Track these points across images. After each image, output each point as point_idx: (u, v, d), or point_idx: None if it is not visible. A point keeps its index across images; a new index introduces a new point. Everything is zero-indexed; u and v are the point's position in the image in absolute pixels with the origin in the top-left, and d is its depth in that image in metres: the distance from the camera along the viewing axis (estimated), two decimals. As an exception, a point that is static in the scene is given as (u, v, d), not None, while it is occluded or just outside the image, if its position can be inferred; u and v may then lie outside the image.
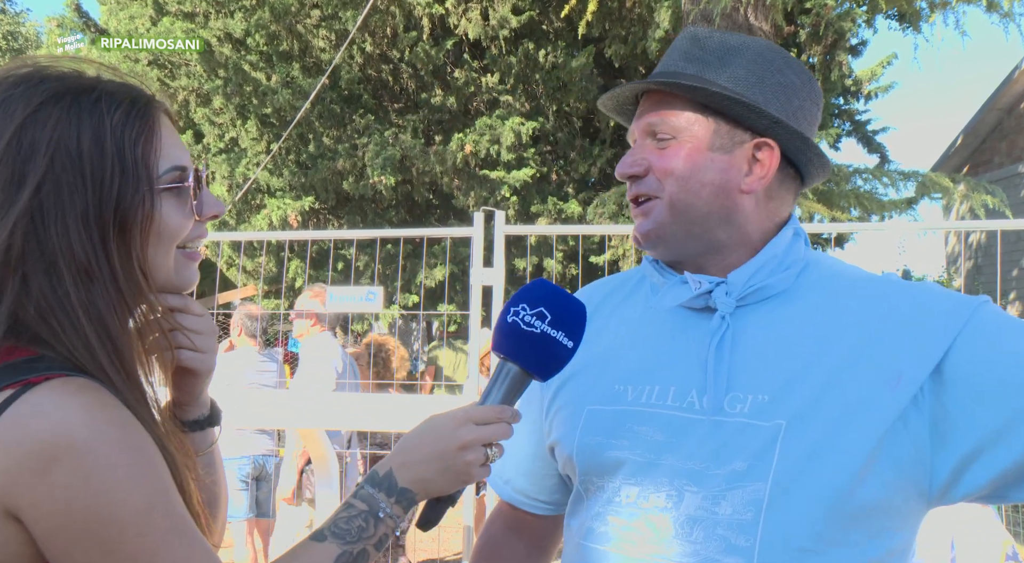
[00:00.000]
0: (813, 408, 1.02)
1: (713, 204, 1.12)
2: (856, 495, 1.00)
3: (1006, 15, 5.24)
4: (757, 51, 1.14)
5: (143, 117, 0.95)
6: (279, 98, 9.61)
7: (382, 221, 10.50)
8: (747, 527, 1.00)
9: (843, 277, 1.14)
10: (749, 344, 1.09)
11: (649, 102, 1.16)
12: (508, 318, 1.06)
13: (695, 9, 5.62)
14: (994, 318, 1.04)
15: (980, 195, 6.27)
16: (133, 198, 0.92)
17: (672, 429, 1.08)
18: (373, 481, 1.01)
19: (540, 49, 10.21)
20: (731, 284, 1.11)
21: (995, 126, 14.20)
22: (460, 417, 1.02)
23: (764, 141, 1.13)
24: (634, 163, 1.14)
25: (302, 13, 10.13)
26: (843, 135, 12.68)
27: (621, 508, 1.09)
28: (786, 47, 11.32)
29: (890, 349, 1.04)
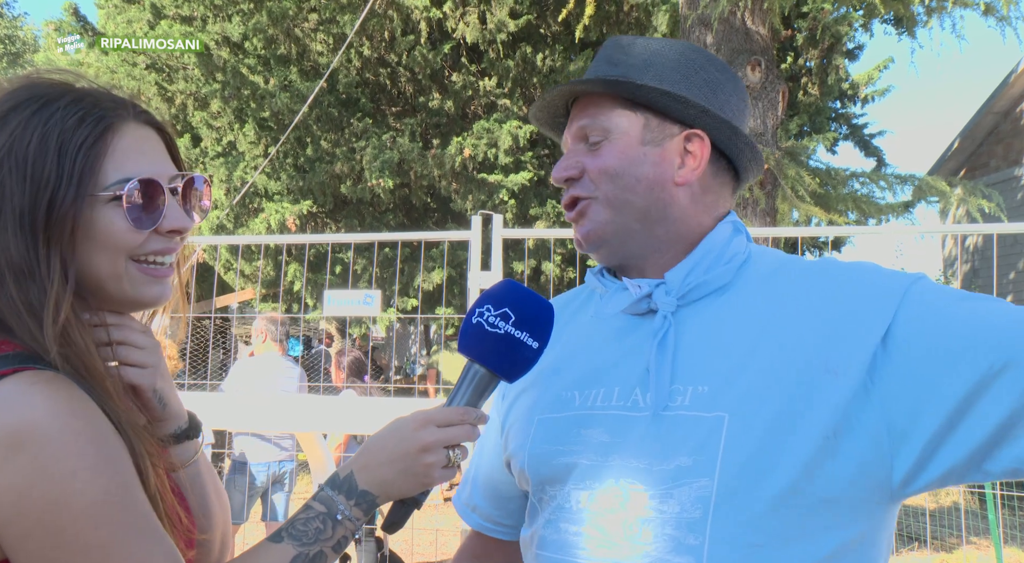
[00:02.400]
0: (756, 400, 1.00)
1: (649, 198, 1.12)
2: (806, 488, 0.97)
3: (1003, 19, 5.26)
4: (679, 52, 1.16)
5: (97, 123, 0.94)
6: (277, 102, 9.62)
7: (380, 224, 10.51)
8: (696, 525, 0.98)
9: (783, 268, 1.13)
10: (690, 340, 1.08)
11: (578, 108, 1.17)
12: (473, 319, 1.06)
13: (692, 14, 5.64)
14: (930, 291, 1.02)
15: (977, 198, 6.28)
16: (65, 202, 0.91)
17: (617, 429, 1.07)
18: (333, 483, 1.01)
19: (538, 53, 10.23)
20: (669, 283, 1.11)
21: (992, 130, 14.23)
22: (421, 419, 1.02)
23: (694, 132, 1.13)
24: (568, 166, 1.14)
25: (300, 17, 10.14)
26: (840, 138, 12.71)
27: (572, 514, 1.08)
28: (783, 51, 11.35)
29: (830, 336, 1.01)
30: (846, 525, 1.00)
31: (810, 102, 11.87)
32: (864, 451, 0.98)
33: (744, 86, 1.22)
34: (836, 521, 0.99)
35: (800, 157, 6.27)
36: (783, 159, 5.58)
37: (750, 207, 5.40)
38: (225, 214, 9.99)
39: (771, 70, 5.62)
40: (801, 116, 11.75)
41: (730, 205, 1.21)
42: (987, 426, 0.93)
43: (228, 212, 10.01)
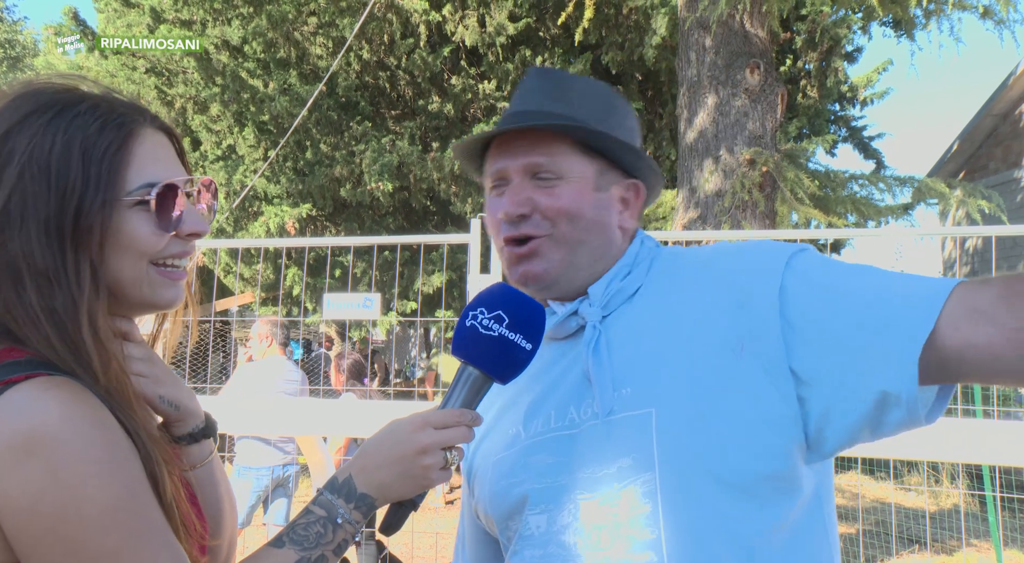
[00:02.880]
0: (678, 390, 1.04)
1: (599, 241, 1.16)
2: (740, 465, 1.01)
3: (1000, 22, 5.28)
4: (608, 96, 1.19)
5: (119, 129, 0.95)
6: (276, 105, 9.62)
7: (379, 228, 10.51)
8: (649, 519, 1.01)
9: (679, 261, 1.18)
10: (617, 345, 1.12)
11: (524, 141, 1.15)
12: (467, 322, 1.07)
13: (691, 16, 5.65)
14: (810, 267, 1.06)
15: (976, 200, 6.28)
16: (92, 208, 0.92)
17: (558, 449, 1.10)
18: (332, 487, 1.02)
19: (537, 56, 10.24)
20: (592, 296, 1.16)
21: (991, 132, 14.24)
22: (418, 422, 1.03)
23: (634, 182, 1.20)
24: (521, 203, 1.14)
25: (299, 20, 10.15)
26: (839, 141, 12.71)
27: (534, 540, 1.09)
28: (782, 54, 11.37)
29: (727, 317, 1.06)
30: (789, 492, 1.04)
31: (809, 104, 11.88)
32: (783, 421, 1.02)
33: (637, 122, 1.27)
34: (780, 492, 1.03)
35: (799, 159, 6.28)
36: (782, 162, 5.58)
37: (749, 210, 5.40)
38: (225, 218, 10.00)
39: (770, 73, 5.62)
40: (800, 118, 11.76)
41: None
42: (868, 398, 0.99)
43: (228, 216, 10.02)
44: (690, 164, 5.68)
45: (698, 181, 5.56)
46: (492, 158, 1.19)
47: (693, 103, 5.69)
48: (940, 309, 0.96)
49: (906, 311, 0.97)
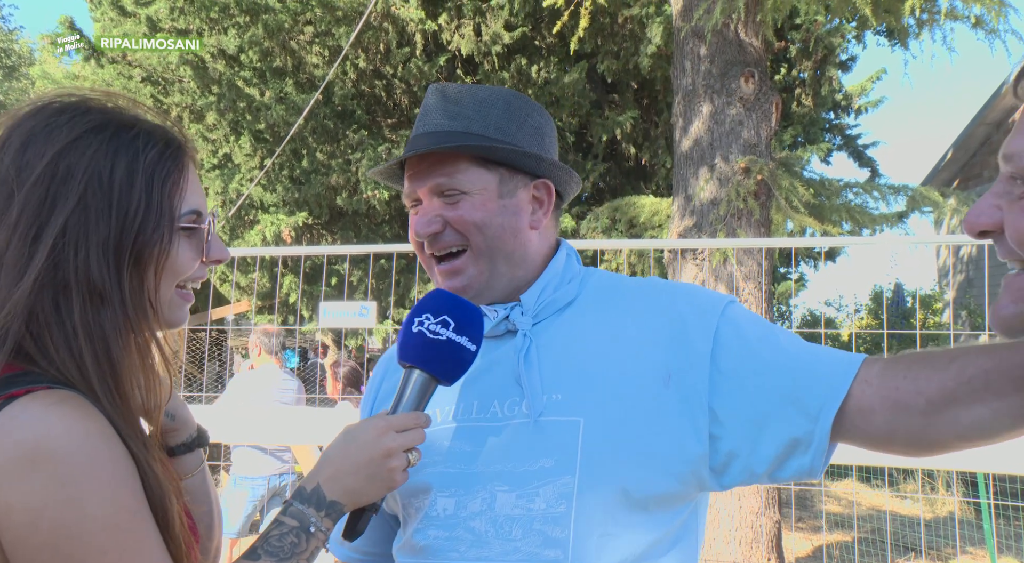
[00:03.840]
0: (607, 405, 1.13)
1: (514, 245, 1.22)
2: (649, 484, 1.11)
3: (992, 31, 5.32)
4: (506, 101, 1.24)
5: (175, 159, 1.00)
6: (272, 114, 9.64)
7: (376, 236, 10.52)
8: (561, 519, 1.09)
9: (618, 286, 1.28)
10: (546, 352, 1.19)
11: (428, 163, 1.22)
12: (413, 328, 1.11)
13: (687, 26, 5.67)
14: (740, 319, 1.18)
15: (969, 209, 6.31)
16: (154, 233, 0.96)
17: (477, 439, 1.17)
18: (302, 497, 1.04)
19: (533, 65, 10.27)
20: (524, 305, 1.22)
21: (984, 140, 14.32)
22: (381, 426, 1.06)
23: (543, 181, 1.26)
24: (430, 222, 1.21)
25: (295, 30, 10.17)
26: (834, 149, 12.77)
27: (440, 521, 1.15)
28: (777, 62, 11.42)
29: (661, 349, 1.16)
30: (679, 511, 1.16)
31: (804, 113, 11.93)
32: (692, 453, 1.12)
33: (551, 119, 1.33)
34: (672, 509, 1.15)
35: (794, 168, 6.31)
36: (777, 170, 5.61)
37: (744, 218, 5.43)
38: (221, 226, 10.00)
39: (764, 81, 5.66)
40: (795, 127, 11.80)
41: (558, 229, 1.36)
42: (779, 444, 1.11)
43: (224, 224, 10.02)
44: (685, 172, 5.70)
45: (693, 189, 5.58)
46: (406, 181, 1.26)
47: (688, 111, 5.72)
48: (854, 374, 1.09)
49: (828, 371, 1.10)
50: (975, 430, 1.01)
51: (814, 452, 1.10)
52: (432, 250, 1.23)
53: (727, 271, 5.28)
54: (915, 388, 1.04)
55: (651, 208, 7.28)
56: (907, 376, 1.06)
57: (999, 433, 1.01)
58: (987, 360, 1.00)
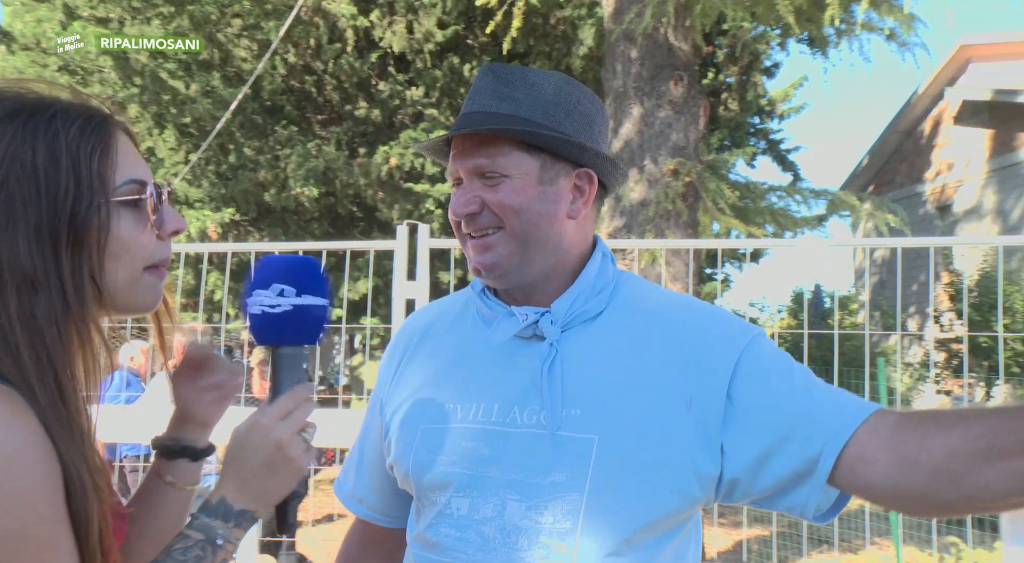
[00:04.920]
0: (623, 425, 1.13)
1: (549, 233, 1.20)
2: (658, 506, 1.12)
3: (903, 44, 5.56)
4: (557, 86, 1.23)
5: (99, 132, 0.95)
6: (199, 108, 9.42)
7: (305, 233, 10.37)
8: (566, 535, 1.10)
9: (648, 299, 1.26)
10: (570, 364, 1.18)
11: (472, 143, 1.21)
12: (253, 311, 1.06)
13: (618, 28, 5.75)
14: (763, 353, 1.18)
15: (884, 213, 6.56)
16: (88, 210, 0.91)
17: (495, 443, 1.16)
18: (207, 511, 1.01)
19: (465, 63, 10.28)
20: (555, 313, 1.21)
21: (897, 148, 14.90)
22: (266, 421, 1.03)
23: (585, 171, 1.23)
24: (468, 202, 1.20)
25: (223, 22, 9.96)
26: (758, 153, 13.11)
27: (453, 520, 1.16)
28: (705, 67, 11.67)
29: (682, 372, 1.16)
30: (679, 533, 1.18)
31: (730, 117, 12.22)
32: (704, 477, 1.14)
33: (605, 109, 1.31)
34: (674, 530, 1.16)
35: (721, 171, 6.46)
36: (704, 172, 5.73)
37: (672, 219, 5.53)
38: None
39: (693, 85, 5.77)
40: (722, 130, 12.08)
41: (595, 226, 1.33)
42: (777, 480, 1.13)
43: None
44: (615, 174, 5.78)
45: (623, 190, 5.67)
46: (450, 159, 1.24)
47: (619, 113, 5.80)
48: (860, 422, 1.09)
49: (836, 415, 1.11)
50: (984, 491, 0.99)
51: (809, 491, 1.11)
52: (468, 230, 1.21)
53: (655, 272, 5.37)
54: (921, 444, 1.03)
55: (581, 208, 7.33)
56: (916, 431, 1.04)
57: (1006, 496, 0.98)
58: (994, 420, 0.99)
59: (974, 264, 9.69)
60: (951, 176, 13.37)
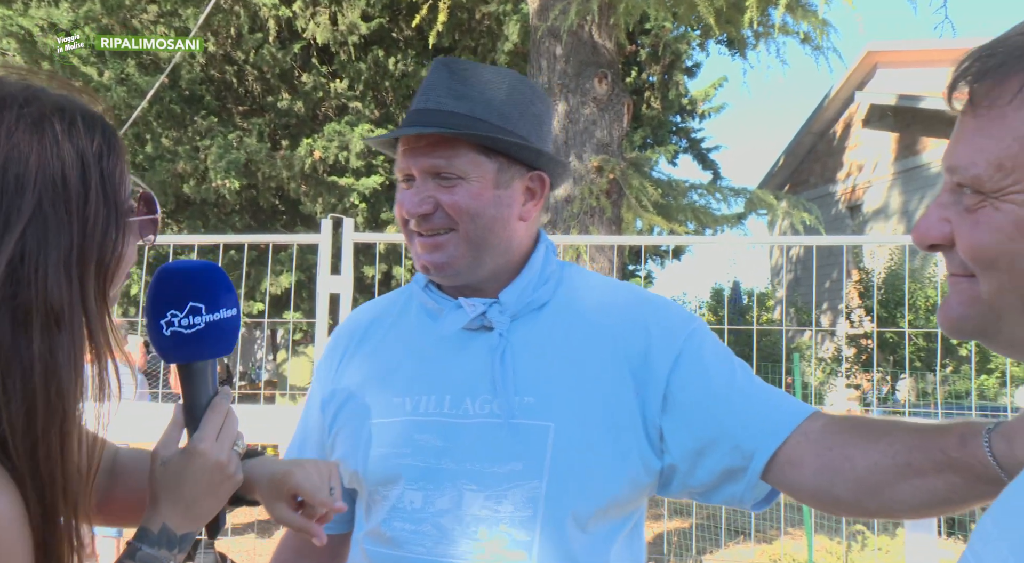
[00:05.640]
0: (575, 413, 1.14)
1: (501, 235, 1.21)
2: (613, 491, 1.14)
3: (817, 48, 5.77)
4: (511, 85, 1.23)
5: (118, 143, 0.87)
6: (112, 96, 9.10)
7: (225, 226, 10.14)
8: (527, 523, 1.11)
9: (593, 288, 1.28)
10: (520, 353, 1.19)
11: (427, 141, 1.19)
12: (166, 332, 1.00)
13: (543, 25, 5.80)
14: (705, 346, 1.21)
15: (799, 212, 6.78)
16: (115, 233, 0.84)
17: (448, 434, 1.16)
18: (149, 541, 0.97)
19: (390, 57, 10.19)
20: (503, 303, 1.21)
21: (811, 148, 15.41)
22: (204, 447, 1.00)
23: (538, 174, 1.24)
24: (423, 202, 1.18)
25: (138, 7, 9.64)
26: (680, 151, 13.36)
27: (407, 513, 1.15)
28: (628, 66, 11.84)
29: (628, 360, 1.18)
30: (628, 517, 1.20)
31: (653, 115, 12.43)
32: (649, 463, 1.17)
33: (552, 106, 1.33)
34: (625, 519, 1.19)
35: (644, 168, 6.57)
36: (628, 170, 5.82)
37: (597, 215, 5.61)
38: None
39: (617, 83, 5.86)
40: (644, 129, 12.28)
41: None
42: (713, 474, 1.17)
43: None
44: (540, 170, 5.83)
45: (548, 186, 5.72)
46: (400, 154, 1.22)
47: (544, 110, 5.84)
48: (795, 425, 1.13)
49: (772, 416, 1.15)
50: (900, 505, 1.05)
51: (744, 486, 1.15)
52: (419, 229, 1.20)
53: (579, 267, 5.43)
54: (845, 454, 1.08)
55: (507, 204, 7.36)
56: (841, 439, 1.09)
57: (922, 511, 1.05)
58: (912, 438, 1.04)
59: (882, 263, 10.09)
60: (861, 177, 13.89)
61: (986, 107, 0.64)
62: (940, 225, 0.68)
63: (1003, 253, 0.63)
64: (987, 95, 0.64)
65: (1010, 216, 0.63)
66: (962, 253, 0.67)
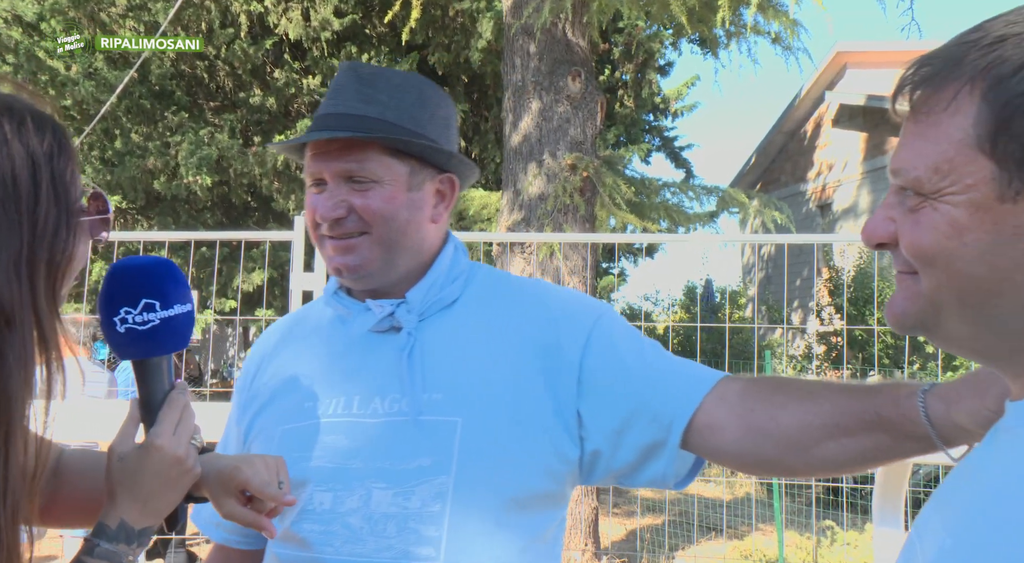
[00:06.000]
0: (483, 407, 1.15)
1: (414, 238, 1.22)
2: (525, 483, 1.14)
3: (788, 48, 5.84)
4: (419, 89, 1.24)
5: (68, 143, 0.86)
6: (81, 90, 8.98)
7: (197, 223, 10.05)
8: (435, 518, 1.10)
9: (501, 285, 1.30)
10: (429, 351, 1.20)
11: (338, 145, 1.19)
12: (120, 328, 1.01)
13: (516, 23, 5.80)
14: (614, 328, 1.23)
15: (770, 211, 6.85)
16: (67, 233, 0.84)
17: (357, 434, 1.17)
18: (107, 536, 0.97)
19: (363, 53, 10.16)
20: (410, 302, 1.22)
21: (782, 148, 15.57)
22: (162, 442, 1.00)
23: (448, 176, 1.26)
24: (336, 206, 1.18)
25: (106, 1, 9.52)
26: (653, 150, 13.45)
27: (316, 515, 1.15)
28: (601, 64, 11.88)
29: (538, 352, 1.19)
30: (556, 507, 1.21)
31: (626, 114, 12.49)
32: (565, 453, 1.17)
33: (455, 110, 1.33)
34: (551, 508, 1.19)
35: (617, 166, 6.60)
36: (601, 168, 5.85)
37: (570, 213, 5.63)
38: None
39: (590, 81, 5.88)
40: (618, 127, 12.34)
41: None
42: (636, 451, 1.17)
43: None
44: (515, 167, 5.84)
45: (522, 184, 5.73)
46: (309, 158, 1.22)
47: (518, 107, 5.85)
48: (708, 390, 1.15)
49: (684, 385, 1.16)
50: (825, 463, 1.08)
51: (666, 460, 1.16)
52: (331, 233, 1.20)
53: (553, 265, 5.46)
54: (770, 414, 1.09)
55: (481, 201, 7.39)
56: (764, 401, 1.11)
57: (846, 468, 1.09)
58: (843, 399, 1.06)
59: (851, 261, 10.22)
60: (831, 176, 14.05)
61: (924, 114, 0.68)
62: (886, 224, 0.72)
63: (940, 251, 0.67)
64: (925, 103, 0.68)
65: (946, 216, 0.66)
66: (904, 251, 0.70)
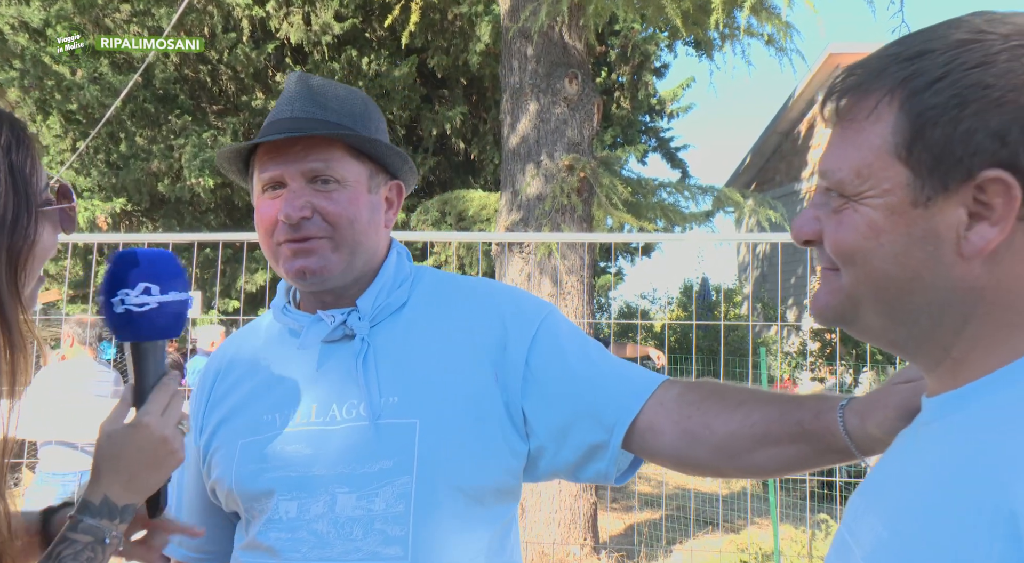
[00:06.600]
0: (440, 407, 1.18)
1: (372, 239, 1.24)
2: (483, 478, 1.19)
3: (781, 49, 5.95)
4: (363, 101, 1.28)
5: (26, 137, 0.88)
6: (86, 94, 9.09)
7: (200, 225, 10.16)
8: (400, 518, 1.13)
9: (449, 286, 1.33)
10: (383, 355, 1.22)
11: (299, 147, 1.19)
12: (117, 309, 1.04)
13: (514, 26, 5.91)
14: (559, 327, 1.27)
15: (765, 210, 6.94)
16: (27, 222, 0.85)
17: (318, 442, 1.19)
18: (91, 512, 0.99)
19: (363, 57, 10.27)
20: (361, 309, 1.24)
21: (776, 148, 15.69)
22: (149, 421, 1.03)
23: (397, 183, 1.30)
24: (301, 207, 1.18)
25: (110, 6, 9.63)
26: (649, 150, 13.56)
27: (283, 523, 1.16)
28: (598, 66, 12.00)
29: (487, 350, 1.23)
30: (510, 500, 1.25)
31: (622, 115, 12.60)
32: (516, 448, 1.21)
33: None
34: (507, 501, 1.24)
35: (614, 167, 6.70)
36: (598, 168, 5.96)
37: (568, 213, 5.74)
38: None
39: (587, 83, 6.00)
40: (614, 128, 12.46)
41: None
42: (578, 450, 1.21)
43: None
44: (513, 168, 5.94)
45: (520, 184, 5.83)
46: (263, 163, 1.21)
47: (516, 109, 5.96)
48: (649, 394, 1.19)
49: (627, 388, 1.20)
50: (754, 469, 1.14)
51: (608, 460, 1.19)
52: (292, 235, 1.19)
53: (552, 264, 5.57)
54: (704, 422, 1.14)
55: (479, 202, 7.47)
56: (700, 408, 1.15)
57: (774, 474, 1.15)
58: (771, 410, 1.10)
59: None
60: (826, 176, 14.13)
61: (849, 120, 0.73)
62: (812, 223, 0.76)
63: (859, 249, 0.71)
64: (850, 110, 0.72)
65: (866, 218, 0.70)
66: (828, 249, 0.74)
